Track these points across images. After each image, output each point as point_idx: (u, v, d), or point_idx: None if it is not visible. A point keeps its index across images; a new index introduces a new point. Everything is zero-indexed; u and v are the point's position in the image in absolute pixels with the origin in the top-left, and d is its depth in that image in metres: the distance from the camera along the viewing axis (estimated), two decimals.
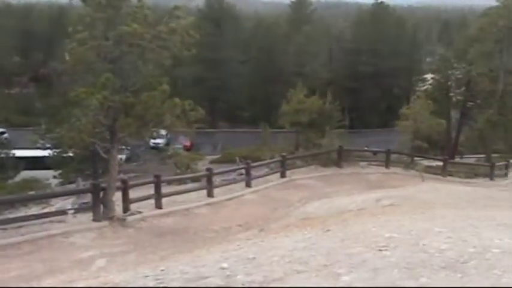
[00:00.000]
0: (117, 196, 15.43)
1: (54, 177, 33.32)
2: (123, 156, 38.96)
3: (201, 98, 52.67)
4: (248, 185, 20.23)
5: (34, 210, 18.79)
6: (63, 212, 15.32)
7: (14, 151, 36.87)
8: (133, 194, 16.14)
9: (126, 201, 15.45)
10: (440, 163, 29.56)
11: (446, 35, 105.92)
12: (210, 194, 18.29)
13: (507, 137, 43.25)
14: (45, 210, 17.52)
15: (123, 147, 29.31)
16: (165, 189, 17.47)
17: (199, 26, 49.72)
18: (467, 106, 54.52)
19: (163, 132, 38.08)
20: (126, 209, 15.32)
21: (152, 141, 43.42)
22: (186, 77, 56.87)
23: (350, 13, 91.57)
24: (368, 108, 63.90)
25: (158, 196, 16.38)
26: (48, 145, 34.81)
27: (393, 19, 72.67)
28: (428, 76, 65.35)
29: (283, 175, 22.25)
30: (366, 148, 33.64)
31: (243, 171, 21.20)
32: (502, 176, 30.76)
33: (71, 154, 31.46)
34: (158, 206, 16.26)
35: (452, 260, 5.48)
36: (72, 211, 15.45)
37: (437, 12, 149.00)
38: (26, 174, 33.30)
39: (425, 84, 64.88)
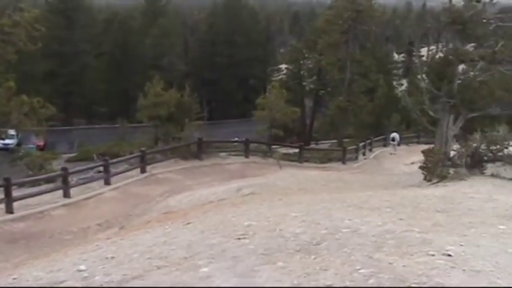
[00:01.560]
0: None
1: None
2: None
3: (53, 94, 50.36)
4: (107, 183, 19.65)
5: None
6: None
7: None
8: None
9: None
10: (297, 150, 30.79)
11: (297, 26, 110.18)
12: (66, 195, 17.51)
13: (356, 122, 46.07)
14: None
15: None
16: (16, 193, 16.45)
17: (47, 19, 47.51)
18: (319, 94, 57.39)
19: (12, 132, 35.88)
20: None
21: (1, 142, 40.78)
22: (36, 73, 53.95)
23: (205, 5, 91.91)
24: (226, 99, 64.70)
25: (8, 200, 15.37)
26: None
27: (246, 11, 74.04)
28: (283, 66, 67.69)
29: (143, 170, 21.90)
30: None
31: (101, 168, 20.58)
32: (353, 159, 32.72)
33: None
34: (9, 210, 15.26)
35: (306, 242, 5.73)
36: None
37: (288, 5, 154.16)
38: None
39: (279, 74, 67.11)
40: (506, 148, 16.84)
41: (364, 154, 35.09)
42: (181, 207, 14.54)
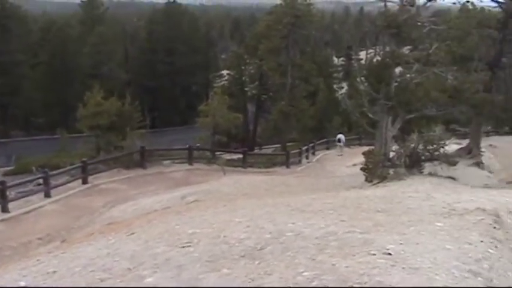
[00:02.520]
0: None
1: None
2: None
3: None
4: (47, 195, 19.18)
5: None
6: None
7: None
8: None
9: None
10: (241, 155, 30.87)
11: (238, 32, 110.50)
12: (4, 209, 16.99)
13: (299, 126, 46.55)
14: None
15: None
16: None
17: None
18: (261, 99, 57.64)
19: None
20: None
21: None
22: None
23: (144, 12, 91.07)
24: (169, 107, 64.17)
25: None
26: None
27: (186, 17, 73.65)
28: (224, 72, 67.70)
29: (85, 181, 21.50)
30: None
31: (41, 180, 20.07)
32: (296, 163, 33.06)
33: None
34: None
35: (251, 247, 5.75)
36: None
37: (228, 10, 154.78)
38: None
39: (221, 81, 67.06)
40: (443, 147, 17.43)
41: (307, 158, 35.49)
42: (126, 217, 14.35)
